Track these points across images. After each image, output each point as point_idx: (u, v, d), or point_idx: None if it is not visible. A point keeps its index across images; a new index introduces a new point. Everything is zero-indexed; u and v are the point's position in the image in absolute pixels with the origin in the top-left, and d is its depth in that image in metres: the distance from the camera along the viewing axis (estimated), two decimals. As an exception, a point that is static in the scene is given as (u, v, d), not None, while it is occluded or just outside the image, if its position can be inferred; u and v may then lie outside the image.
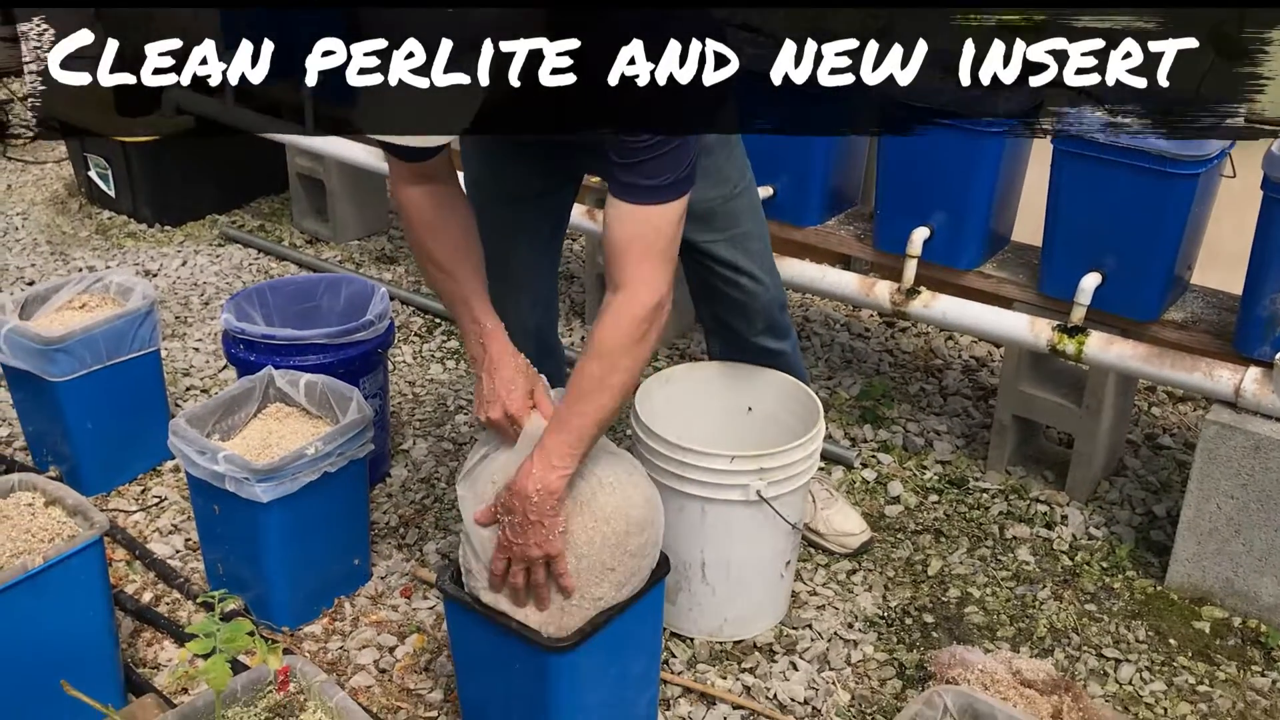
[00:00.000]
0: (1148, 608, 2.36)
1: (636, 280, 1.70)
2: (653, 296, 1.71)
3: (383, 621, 2.30)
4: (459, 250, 1.87)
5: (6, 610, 1.86)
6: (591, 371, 1.73)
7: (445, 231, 1.86)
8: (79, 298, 2.73)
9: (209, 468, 2.13)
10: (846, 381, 3.14)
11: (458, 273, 1.87)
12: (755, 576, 2.21)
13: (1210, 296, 2.50)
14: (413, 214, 1.86)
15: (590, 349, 1.74)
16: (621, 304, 1.71)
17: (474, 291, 1.88)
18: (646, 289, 1.70)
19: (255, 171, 4.29)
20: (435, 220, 1.86)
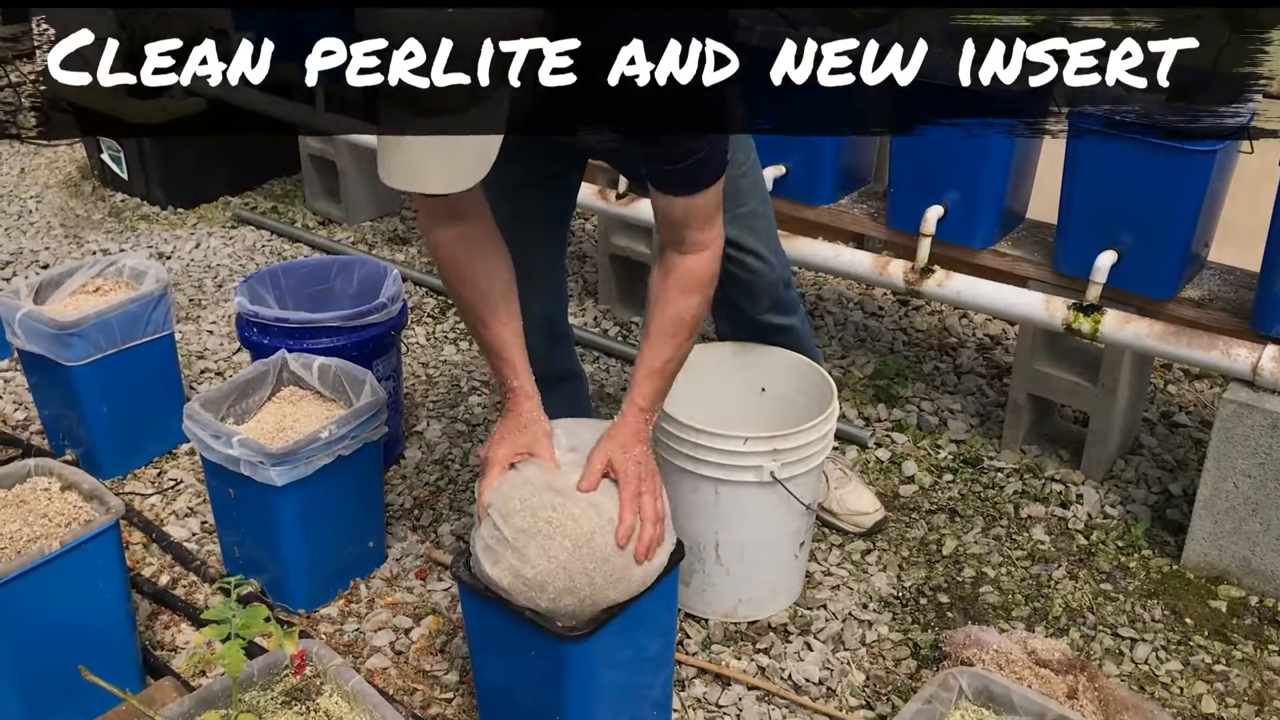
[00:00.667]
0: (1164, 587, 2.35)
1: (704, 242, 1.81)
2: (716, 249, 1.83)
3: (398, 604, 2.31)
4: (489, 299, 1.87)
5: (25, 595, 1.87)
6: (685, 307, 1.82)
7: (480, 279, 1.86)
8: (93, 281, 2.74)
9: (224, 451, 2.13)
10: (860, 360, 3.13)
11: (489, 322, 1.87)
12: (769, 557, 2.21)
13: (1228, 274, 2.48)
14: (445, 260, 1.86)
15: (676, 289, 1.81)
16: (695, 260, 1.81)
17: (504, 342, 1.88)
18: (711, 248, 1.82)
19: (267, 153, 4.29)
20: (468, 267, 1.85)
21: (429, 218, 1.85)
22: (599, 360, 3.18)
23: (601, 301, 3.45)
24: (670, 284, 1.82)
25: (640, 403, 1.85)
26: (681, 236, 1.80)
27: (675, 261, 1.82)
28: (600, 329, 3.34)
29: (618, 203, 3.04)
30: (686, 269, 1.82)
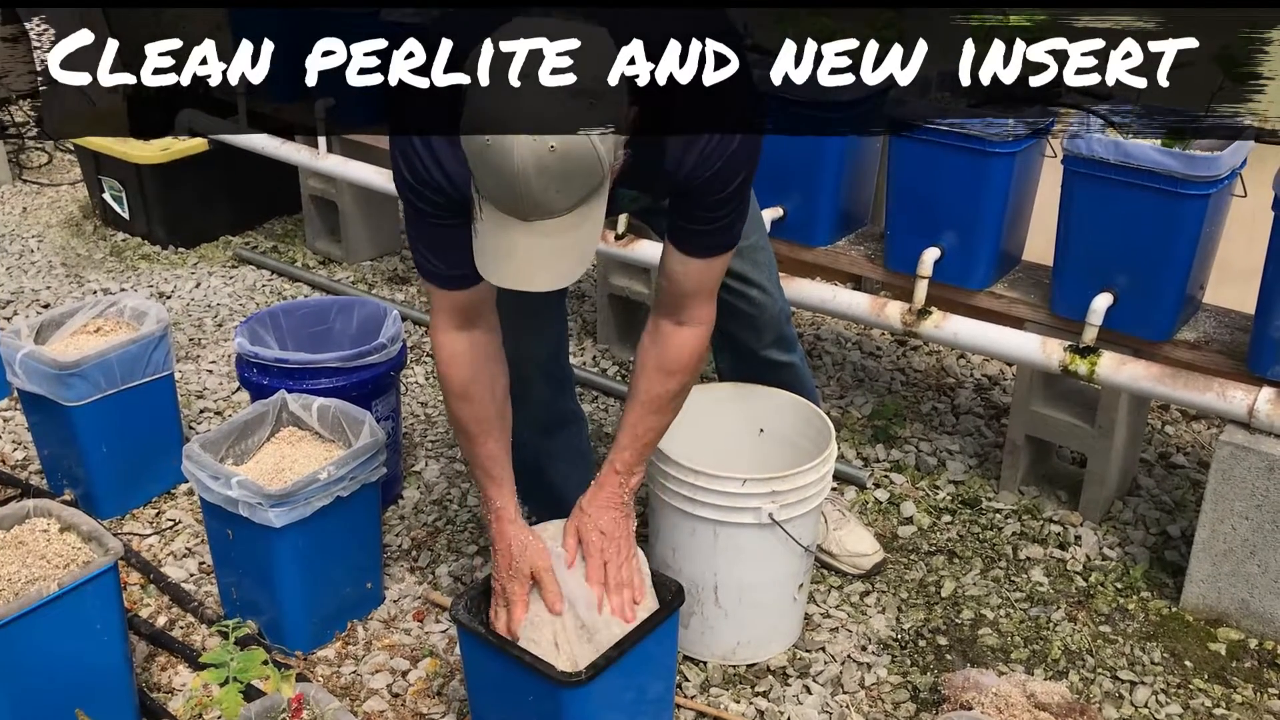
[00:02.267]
0: (1163, 629, 2.34)
1: (700, 319, 1.87)
2: (707, 330, 1.90)
3: (395, 645, 2.31)
4: (486, 420, 1.91)
5: (22, 637, 1.86)
6: (667, 389, 1.89)
7: (477, 395, 1.90)
8: (94, 322, 2.75)
9: (223, 493, 2.13)
10: (858, 400, 3.14)
11: (482, 440, 1.92)
12: (768, 599, 2.21)
13: (1223, 316, 2.50)
14: (451, 375, 1.88)
15: (658, 370, 1.88)
16: (688, 335, 1.87)
17: (492, 459, 1.93)
18: (707, 324, 1.89)
19: (268, 193, 4.31)
20: (469, 379, 1.89)
21: (444, 319, 1.86)
22: (598, 400, 3.19)
23: (600, 341, 3.46)
24: (659, 359, 1.89)
25: (618, 466, 1.92)
26: (682, 305, 1.85)
27: (668, 333, 1.87)
28: (599, 368, 3.35)
29: (617, 243, 3.06)
30: (676, 347, 1.87)
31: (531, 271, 1.52)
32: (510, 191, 1.46)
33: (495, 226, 1.51)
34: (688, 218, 1.79)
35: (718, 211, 1.76)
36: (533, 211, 1.47)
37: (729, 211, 1.77)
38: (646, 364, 1.90)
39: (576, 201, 1.49)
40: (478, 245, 1.56)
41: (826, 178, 2.78)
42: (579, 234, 1.52)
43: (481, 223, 1.54)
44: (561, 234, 1.50)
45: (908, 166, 2.61)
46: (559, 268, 1.53)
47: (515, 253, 1.51)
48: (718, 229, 1.79)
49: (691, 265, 1.81)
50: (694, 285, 1.83)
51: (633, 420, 1.91)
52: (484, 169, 1.47)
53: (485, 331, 1.89)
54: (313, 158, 3.82)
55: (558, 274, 1.54)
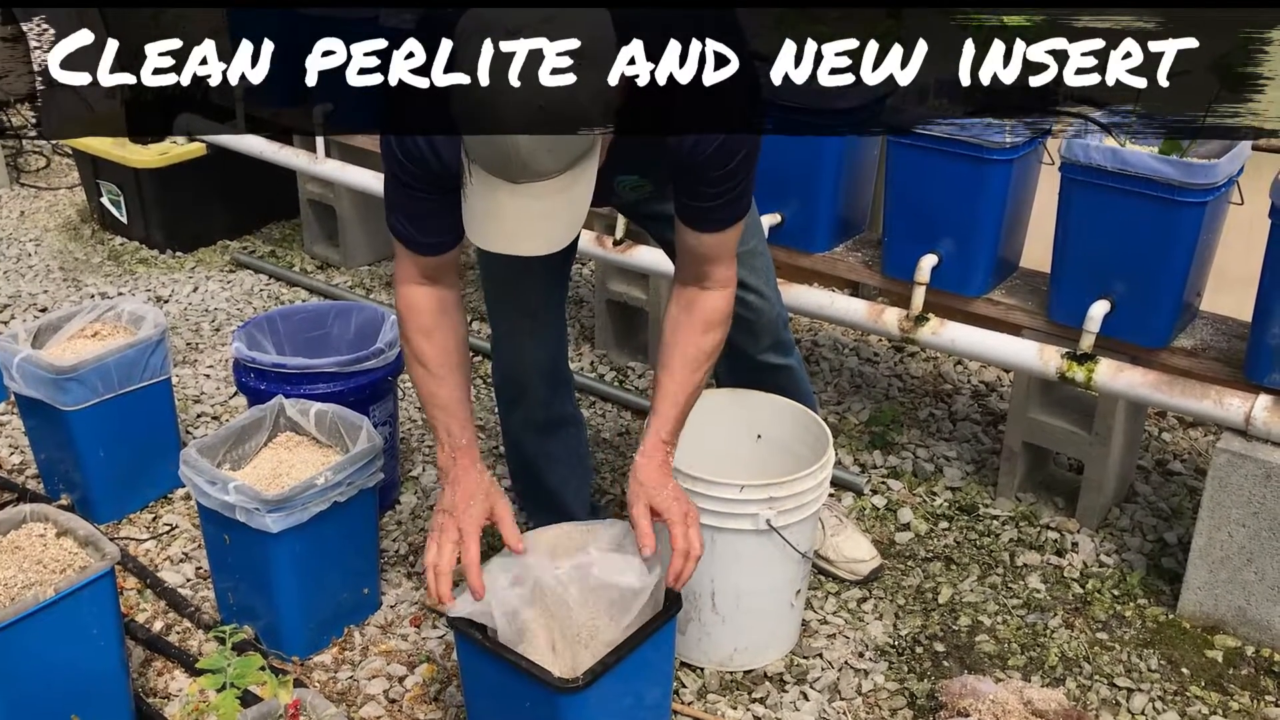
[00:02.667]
0: (1160, 636, 2.35)
1: (726, 280, 1.90)
2: (733, 287, 1.92)
3: (392, 651, 2.30)
4: (450, 356, 1.91)
5: (18, 642, 1.86)
6: (704, 345, 1.89)
7: (440, 335, 1.90)
8: (91, 326, 2.75)
9: (220, 498, 2.13)
10: (856, 406, 3.14)
11: (447, 379, 1.91)
12: (765, 605, 2.21)
13: (1220, 323, 2.50)
14: (410, 314, 1.90)
15: (695, 328, 1.88)
16: (718, 296, 1.89)
17: (458, 401, 1.91)
18: (730, 285, 1.91)
19: (266, 197, 4.31)
20: (431, 323, 1.89)
21: (408, 272, 1.88)
22: (595, 405, 3.19)
23: (598, 346, 3.46)
24: (693, 320, 1.89)
25: (664, 435, 1.90)
26: (704, 273, 1.87)
27: (696, 296, 1.89)
28: (597, 374, 3.35)
29: (615, 249, 3.06)
30: (709, 306, 1.89)
31: (520, 235, 1.52)
32: (499, 153, 1.45)
33: (484, 189, 1.51)
34: (694, 195, 1.79)
35: (723, 186, 1.76)
36: (521, 173, 1.46)
37: (735, 184, 1.77)
38: (681, 323, 1.89)
39: (566, 164, 1.48)
40: (467, 209, 1.55)
41: (824, 184, 2.78)
42: (568, 196, 1.51)
43: (470, 187, 1.53)
44: (550, 196, 1.49)
45: (905, 173, 2.61)
46: (548, 231, 1.52)
47: (503, 215, 1.50)
48: (725, 203, 1.79)
49: (705, 239, 1.84)
50: (712, 253, 1.85)
51: (674, 384, 1.89)
52: (472, 126, 1.46)
53: (447, 288, 1.90)
54: (311, 162, 3.82)
55: (547, 238, 1.53)
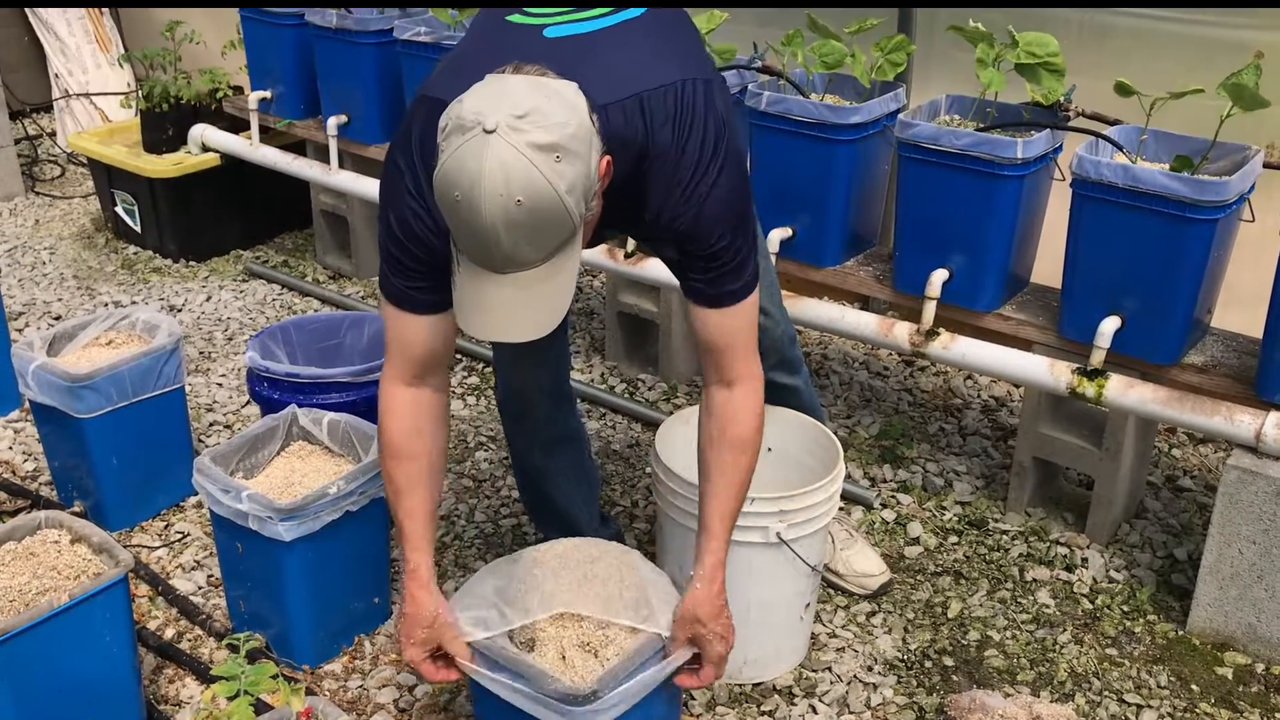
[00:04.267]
0: (1169, 652, 2.34)
1: (748, 374, 1.86)
2: (761, 382, 1.88)
3: (402, 660, 2.31)
4: (420, 478, 1.88)
5: (32, 648, 1.87)
6: (743, 465, 1.86)
7: (410, 456, 1.87)
8: (106, 334, 2.77)
9: (233, 506, 2.14)
10: (866, 420, 3.15)
11: (405, 496, 1.88)
12: (775, 618, 2.21)
13: (1230, 340, 2.50)
14: (387, 424, 1.87)
15: (730, 448, 1.85)
16: (744, 398, 1.85)
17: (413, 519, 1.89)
18: (757, 378, 1.87)
19: (279, 207, 4.33)
20: (406, 442, 1.86)
21: (395, 369, 1.86)
22: (605, 417, 3.20)
23: (608, 358, 3.47)
24: (725, 439, 1.85)
25: (719, 555, 1.88)
26: (720, 365, 1.84)
27: (723, 401, 1.85)
28: (607, 385, 3.36)
29: (626, 261, 3.07)
30: (736, 418, 1.85)
31: (507, 322, 1.54)
32: (481, 245, 1.47)
33: (471, 278, 1.53)
34: (688, 270, 1.80)
35: (713, 263, 1.76)
36: (505, 264, 1.49)
37: (725, 262, 1.76)
38: (713, 441, 1.87)
39: (548, 253, 1.50)
40: (456, 297, 1.57)
41: (835, 198, 2.79)
42: (553, 284, 1.53)
43: (459, 275, 1.55)
44: (535, 285, 1.51)
45: (916, 188, 2.62)
46: (534, 318, 1.54)
47: (490, 304, 1.52)
48: (717, 278, 1.78)
49: (709, 317, 1.81)
50: (721, 339, 1.82)
51: (719, 506, 1.87)
52: (457, 223, 1.49)
53: (433, 391, 1.88)
54: (324, 173, 3.84)
55: (533, 324, 1.55)
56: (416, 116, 1.70)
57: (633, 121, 1.65)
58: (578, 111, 1.50)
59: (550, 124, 1.45)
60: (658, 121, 1.67)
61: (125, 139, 4.26)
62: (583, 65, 1.62)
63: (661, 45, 1.77)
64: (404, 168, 1.71)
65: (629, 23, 1.76)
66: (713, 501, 1.87)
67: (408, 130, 1.71)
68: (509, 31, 1.76)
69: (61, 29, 5.17)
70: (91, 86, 5.17)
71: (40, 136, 5.35)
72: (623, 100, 1.64)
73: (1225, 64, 2.30)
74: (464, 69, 1.67)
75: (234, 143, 4.07)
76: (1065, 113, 2.52)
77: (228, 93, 4.20)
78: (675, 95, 1.68)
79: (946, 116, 2.70)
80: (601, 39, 1.73)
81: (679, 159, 1.69)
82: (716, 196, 1.71)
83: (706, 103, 1.70)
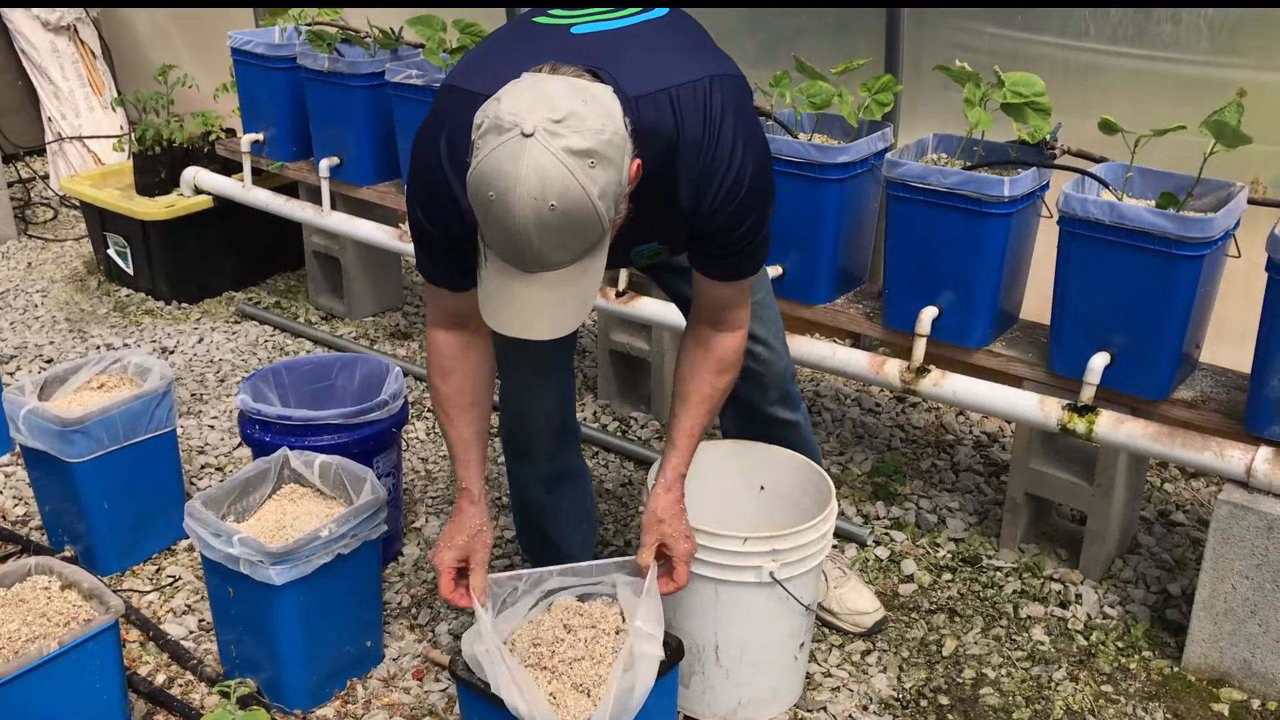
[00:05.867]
0: (1165, 689, 2.34)
1: (740, 322, 1.97)
2: (746, 328, 2.00)
3: (395, 704, 2.30)
4: (463, 396, 1.97)
5: (22, 696, 1.86)
6: (719, 386, 1.98)
7: (456, 376, 1.96)
8: (97, 378, 2.77)
9: (224, 550, 2.14)
10: (858, 457, 3.15)
11: (456, 420, 1.98)
12: (769, 658, 2.21)
13: (1219, 375, 2.51)
14: (432, 353, 1.97)
15: (711, 370, 1.97)
16: (731, 338, 1.97)
17: (464, 443, 1.99)
18: (744, 327, 1.99)
19: (271, 249, 4.35)
20: (450, 365, 1.96)
21: (437, 317, 1.95)
22: (598, 455, 3.20)
23: (601, 397, 3.48)
24: (709, 360, 1.96)
25: (682, 469, 2.00)
26: (721, 317, 1.94)
27: (711, 338, 1.96)
28: (599, 424, 3.36)
29: (617, 300, 3.08)
30: (724, 347, 1.96)
31: (531, 320, 1.57)
32: (512, 245, 1.50)
33: (498, 274, 1.56)
34: (713, 253, 1.86)
35: (742, 243, 1.83)
36: (534, 264, 1.52)
37: (752, 240, 1.83)
38: (698, 366, 1.97)
39: (577, 255, 1.53)
40: (482, 290, 1.60)
41: (825, 237, 2.81)
42: (579, 285, 1.56)
43: (486, 269, 1.58)
44: (561, 285, 1.54)
45: (905, 226, 2.64)
46: (558, 317, 1.58)
47: (516, 302, 1.55)
48: (744, 256, 1.87)
49: (723, 288, 1.91)
50: (730, 300, 1.92)
51: (691, 420, 1.99)
52: (488, 221, 1.51)
53: (473, 332, 1.95)
54: (316, 215, 3.86)
55: (557, 323, 1.58)
56: (445, 106, 1.74)
57: (664, 115, 1.68)
58: (614, 118, 1.52)
59: (586, 129, 1.47)
60: (688, 115, 1.70)
61: (118, 182, 4.28)
62: (612, 60, 1.66)
63: (685, 42, 1.81)
64: (432, 157, 1.74)
65: (652, 21, 1.81)
66: (684, 419, 1.98)
67: (438, 120, 1.74)
68: (537, 30, 1.80)
69: (55, 72, 5.21)
70: (84, 130, 5.20)
71: (33, 179, 5.36)
72: (653, 93, 1.67)
73: (1209, 101, 2.32)
74: (494, 64, 1.71)
75: (226, 185, 4.08)
76: (1051, 151, 2.54)
77: (220, 135, 4.22)
78: (705, 91, 1.71)
79: (934, 155, 2.73)
80: (628, 35, 1.77)
81: (712, 152, 1.72)
82: (751, 187, 1.76)
83: (733, 98, 1.74)
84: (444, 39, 3.29)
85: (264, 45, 3.83)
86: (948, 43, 3.10)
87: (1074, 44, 2.93)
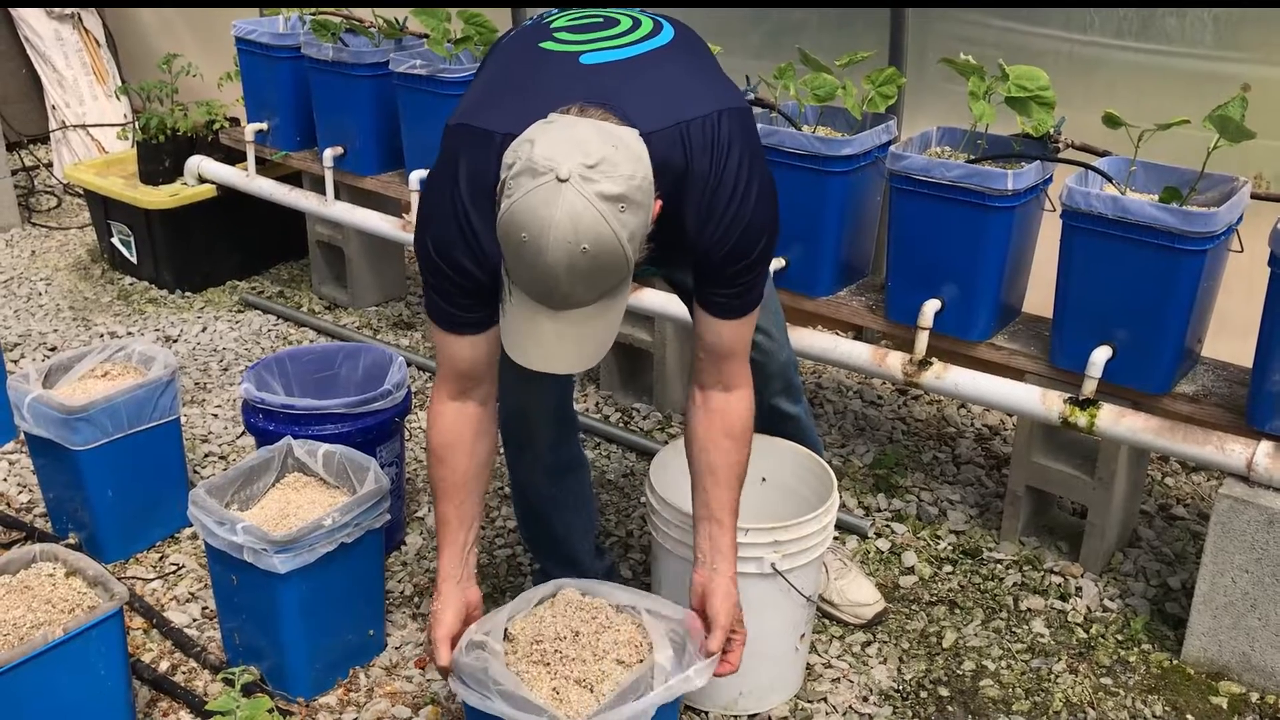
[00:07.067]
0: (1164, 682, 2.35)
1: (744, 380, 1.94)
2: (750, 388, 1.97)
3: (397, 693, 2.31)
4: (456, 478, 1.96)
5: (27, 681, 1.87)
6: (739, 460, 1.94)
7: (455, 458, 1.95)
8: (101, 366, 2.78)
9: (228, 538, 2.15)
10: (860, 449, 3.15)
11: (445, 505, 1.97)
12: (770, 649, 2.21)
13: (1221, 369, 2.52)
14: (434, 432, 1.95)
15: (729, 439, 1.92)
16: (740, 400, 1.94)
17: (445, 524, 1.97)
18: (750, 384, 1.96)
19: (275, 238, 4.35)
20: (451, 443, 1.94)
21: (443, 387, 1.94)
22: (600, 446, 3.20)
23: (603, 388, 3.48)
24: (728, 432, 1.92)
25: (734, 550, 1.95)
26: (723, 371, 1.91)
27: (721, 402, 1.93)
28: (601, 415, 3.36)
29: (620, 292, 3.08)
30: (735, 414, 1.93)
31: (556, 355, 1.60)
32: (541, 285, 1.54)
33: (523, 311, 1.59)
34: (715, 286, 1.85)
35: (745, 276, 1.83)
36: (562, 304, 1.56)
37: (754, 274, 1.84)
38: (715, 434, 1.93)
39: (602, 294, 1.57)
40: (505, 325, 1.63)
41: (828, 229, 2.81)
42: (602, 321, 1.60)
43: (510, 305, 1.61)
44: (586, 322, 1.58)
45: (908, 219, 2.64)
46: (582, 352, 1.61)
47: (542, 338, 1.59)
48: (745, 290, 1.85)
49: (725, 327, 1.88)
50: (730, 346, 1.90)
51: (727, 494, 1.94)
52: (518, 262, 1.54)
53: (478, 405, 1.95)
54: (320, 204, 3.86)
55: (581, 358, 1.62)
56: (458, 146, 1.74)
57: (674, 149, 1.70)
58: (642, 163, 1.56)
59: (618, 175, 1.51)
60: (697, 149, 1.72)
61: (122, 170, 4.28)
62: (623, 93, 1.68)
63: (694, 73, 1.83)
64: (449, 198, 1.74)
65: (662, 50, 1.82)
66: (717, 491, 1.94)
67: (450, 160, 1.75)
68: (545, 59, 1.80)
69: (59, 61, 5.21)
70: (88, 118, 5.20)
71: (37, 168, 5.37)
72: (665, 129, 1.69)
73: (1212, 96, 2.32)
74: (503, 99, 1.73)
75: (230, 174, 4.09)
76: (1055, 144, 2.55)
77: (224, 125, 4.22)
78: (713, 125, 1.73)
79: (937, 148, 2.73)
80: (638, 66, 1.78)
81: (717, 185, 1.74)
82: (755, 220, 1.77)
83: (740, 130, 1.76)
84: (449, 29, 3.29)
85: (268, 34, 3.83)
86: (952, 36, 3.10)
87: (1078, 38, 2.93)
